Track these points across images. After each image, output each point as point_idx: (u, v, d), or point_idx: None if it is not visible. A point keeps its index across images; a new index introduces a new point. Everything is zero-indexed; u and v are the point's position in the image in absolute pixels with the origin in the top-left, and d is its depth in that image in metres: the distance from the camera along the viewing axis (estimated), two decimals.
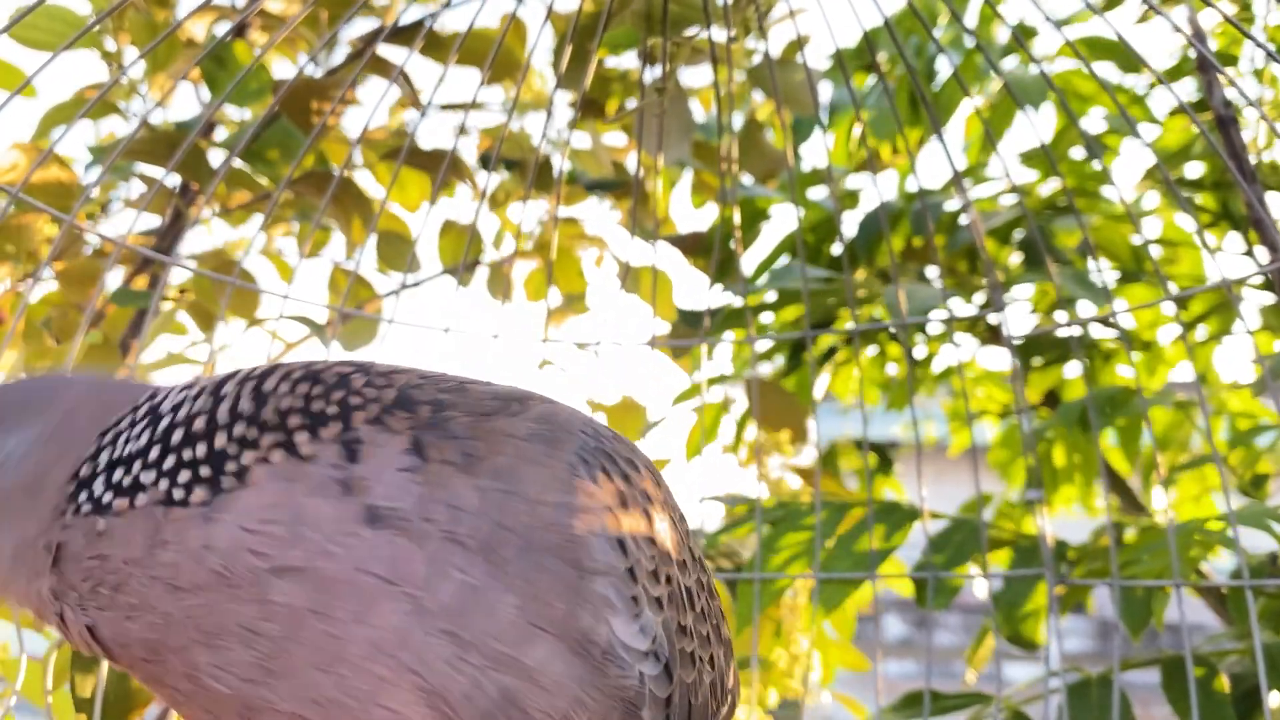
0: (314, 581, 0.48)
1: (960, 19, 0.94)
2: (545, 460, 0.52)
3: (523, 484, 0.51)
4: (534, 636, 0.50)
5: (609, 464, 0.54)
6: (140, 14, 1.20)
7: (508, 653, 0.49)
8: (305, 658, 0.49)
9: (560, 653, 0.50)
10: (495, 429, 0.52)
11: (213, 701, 0.51)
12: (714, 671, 0.61)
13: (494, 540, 0.50)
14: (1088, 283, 1.34)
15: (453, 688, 0.49)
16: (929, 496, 1.09)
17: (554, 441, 0.53)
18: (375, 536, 0.49)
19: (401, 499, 0.49)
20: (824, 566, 1.11)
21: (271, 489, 0.50)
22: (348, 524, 0.49)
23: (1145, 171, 1.56)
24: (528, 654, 0.49)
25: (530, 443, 0.52)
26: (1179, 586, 0.94)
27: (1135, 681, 1.09)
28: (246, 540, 0.49)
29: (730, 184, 1.28)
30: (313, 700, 0.49)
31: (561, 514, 0.51)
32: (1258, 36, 0.83)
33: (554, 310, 1.53)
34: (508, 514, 0.50)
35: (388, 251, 1.36)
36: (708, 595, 0.62)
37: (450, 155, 1.15)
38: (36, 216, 1.13)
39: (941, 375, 1.67)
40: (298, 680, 0.49)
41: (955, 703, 1.12)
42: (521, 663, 0.49)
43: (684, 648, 0.57)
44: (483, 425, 0.52)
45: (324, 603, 0.48)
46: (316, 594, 0.48)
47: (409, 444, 0.51)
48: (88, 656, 0.55)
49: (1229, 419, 1.61)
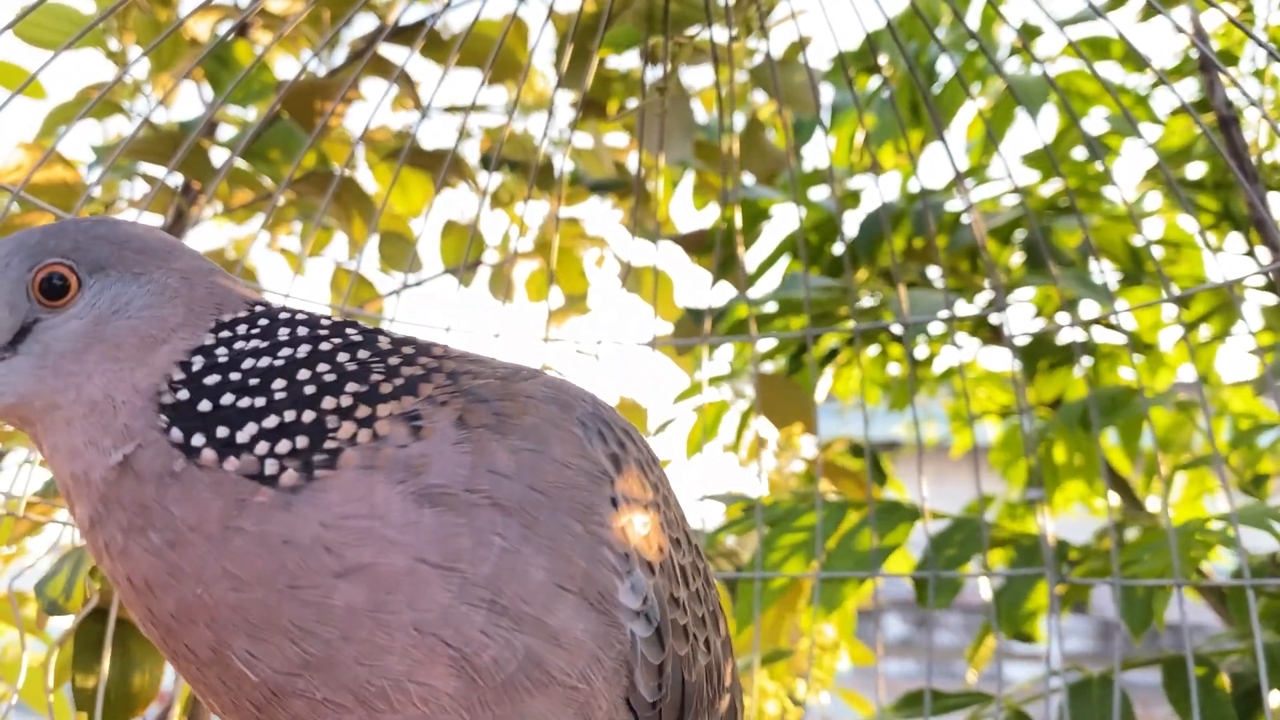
0: (374, 580, 0.49)
1: (962, 20, 0.94)
2: (562, 422, 0.55)
3: (549, 445, 0.54)
4: (559, 597, 0.51)
5: (605, 429, 0.57)
6: (143, 13, 1.21)
7: (535, 615, 0.51)
8: (352, 654, 0.49)
9: (581, 611, 0.52)
10: (518, 391, 0.55)
11: (232, 677, 0.51)
12: (710, 656, 0.62)
13: (527, 503, 0.52)
14: (1090, 283, 1.34)
15: (484, 655, 0.50)
16: (930, 498, 1.09)
17: (565, 405, 0.56)
18: (432, 520, 0.50)
19: (455, 474, 0.51)
20: (825, 565, 1.11)
21: (353, 479, 0.50)
22: (409, 511, 0.50)
23: (1147, 172, 1.56)
24: (553, 615, 0.51)
25: (548, 405, 0.55)
26: (1180, 586, 0.94)
27: (1136, 681, 1.09)
28: (323, 537, 0.49)
29: (732, 184, 1.28)
30: (348, 688, 0.50)
31: (580, 476, 0.54)
32: (1259, 36, 0.83)
33: (555, 310, 1.54)
34: (538, 476, 0.52)
35: (389, 251, 1.36)
36: (703, 582, 0.64)
37: (451, 155, 1.15)
38: (40, 215, 1.13)
39: (943, 376, 1.67)
40: (338, 673, 0.50)
41: (956, 702, 1.12)
42: (546, 624, 0.51)
43: (676, 619, 0.58)
44: (507, 387, 0.55)
45: (381, 601, 0.49)
46: (376, 594, 0.49)
47: (457, 416, 0.53)
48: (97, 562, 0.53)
49: (1231, 419, 1.61)
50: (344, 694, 0.50)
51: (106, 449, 0.51)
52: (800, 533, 1.15)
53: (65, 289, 0.53)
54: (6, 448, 1.18)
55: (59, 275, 0.53)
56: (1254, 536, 1.03)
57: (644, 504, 0.57)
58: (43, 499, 0.95)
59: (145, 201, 1.10)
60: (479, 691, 0.50)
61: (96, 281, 0.53)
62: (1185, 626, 0.92)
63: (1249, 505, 1.14)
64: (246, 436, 0.50)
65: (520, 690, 0.51)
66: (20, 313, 0.52)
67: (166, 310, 0.53)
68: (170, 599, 0.50)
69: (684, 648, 0.59)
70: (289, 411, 0.51)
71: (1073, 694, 1.03)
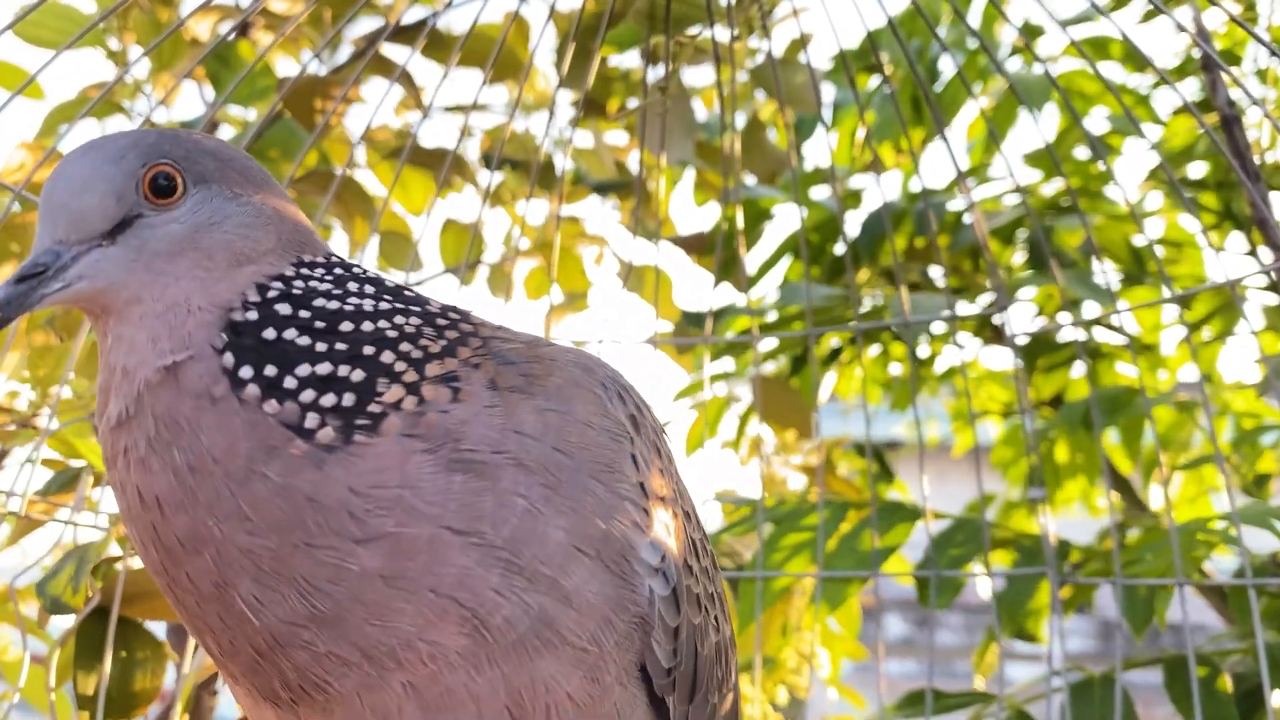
0: (392, 548, 0.49)
1: (964, 19, 0.94)
2: (586, 383, 0.56)
3: (573, 405, 0.55)
4: (576, 559, 0.52)
5: (624, 392, 0.58)
6: (144, 13, 1.21)
7: (550, 575, 0.51)
8: (362, 614, 0.50)
9: (596, 573, 0.53)
10: (543, 354, 0.57)
11: (234, 617, 0.50)
12: (719, 635, 0.63)
13: (550, 463, 0.53)
14: (1091, 283, 1.34)
15: (496, 614, 0.50)
16: (932, 496, 1.09)
17: (587, 368, 0.58)
18: (460, 486, 0.51)
19: (486, 437, 0.52)
20: (827, 565, 1.11)
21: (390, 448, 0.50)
22: (440, 479, 0.50)
23: (1149, 171, 1.56)
24: (568, 576, 0.52)
25: (572, 367, 0.57)
26: (1182, 586, 0.94)
27: (1138, 681, 1.09)
28: (349, 503, 0.49)
29: (733, 183, 1.28)
30: (355, 645, 0.50)
31: (604, 436, 0.55)
32: (1263, 35, 0.83)
33: (555, 308, 1.53)
34: (562, 437, 0.54)
35: (390, 250, 1.36)
36: (710, 562, 0.64)
37: (452, 155, 1.15)
38: None
39: (944, 375, 1.67)
40: (345, 630, 0.50)
41: (958, 701, 1.11)
42: (561, 585, 0.52)
43: (690, 586, 0.59)
44: (533, 351, 0.57)
45: (398, 567, 0.50)
46: (395, 562, 0.49)
47: (489, 379, 0.54)
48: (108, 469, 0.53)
49: (1233, 418, 1.61)
50: (350, 649, 0.50)
51: (164, 350, 0.51)
52: (802, 533, 1.15)
53: (171, 190, 0.54)
54: (6, 448, 1.18)
55: (167, 175, 0.54)
56: (1256, 536, 1.03)
57: (659, 469, 0.58)
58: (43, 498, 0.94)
59: None
60: (488, 649, 0.51)
61: (200, 191, 0.55)
62: (1187, 626, 0.91)
63: (1250, 505, 1.14)
64: (294, 382, 0.51)
65: (530, 649, 0.51)
66: (127, 204, 0.53)
67: (259, 233, 0.55)
68: (181, 522, 0.50)
69: (698, 616, 0.60)
70: (344, 366, 0.51)
71: (1074, 694, 1.03)
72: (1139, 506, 1.56)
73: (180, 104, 1.81)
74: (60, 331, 1.16)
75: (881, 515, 1.13)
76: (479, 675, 0.51)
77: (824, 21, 0.96)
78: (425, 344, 0.53)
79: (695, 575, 0.60)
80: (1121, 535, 1.24)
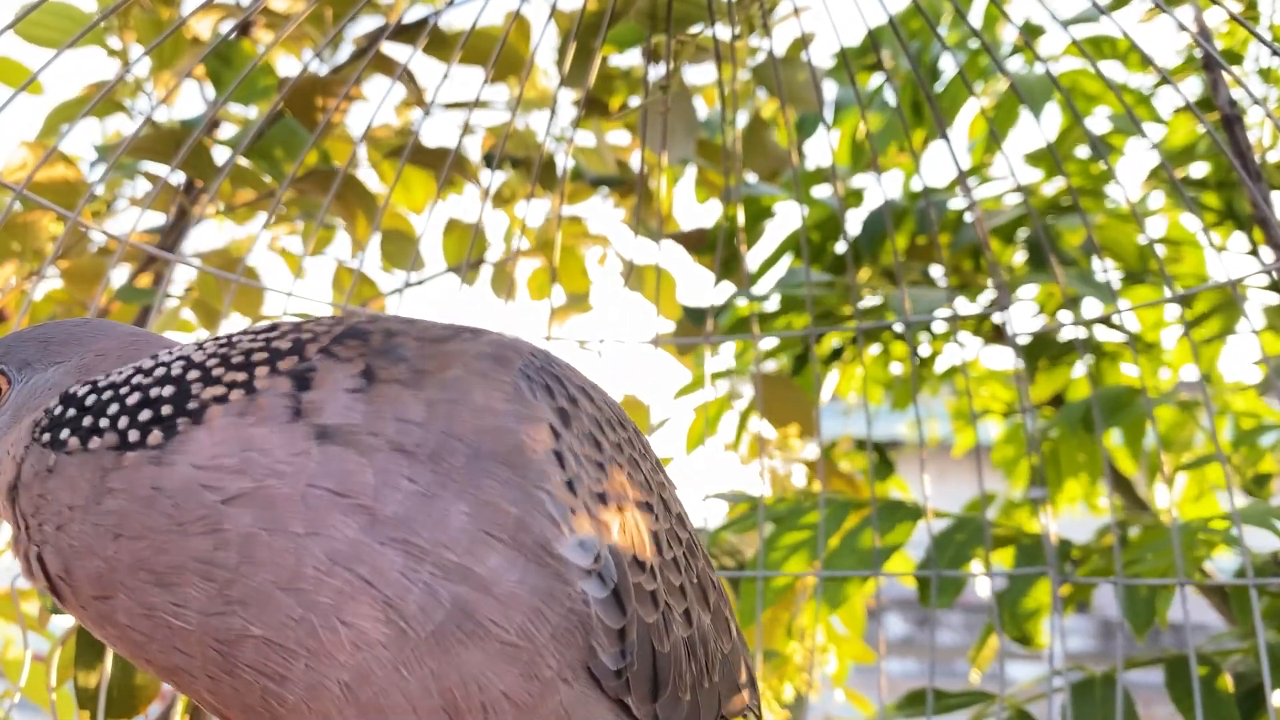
0: (264, 502, 0.49)
1: (965, 18, 0.94)
2: (493, 374, 0.54)
3: (470, 394, 0.52)
4: (486, 544, 0.50)
5: (554, 383, 0.55)
6: (145, 11, 1.21)
7: (459, 562, 0.49)
8: (265, 578, 0.49)
9: (515, 562, 0.50)
10: (447, 350, 0.54)
11: (179, 638, 0.51)
12: (691, 629, 0.60)
13: (442, 449, 0.51)
14: (1092, 282, 1.34)
15: (408, 599, 0.49)
16: (933, 496, 1.09)
17: (502, 360, 0.55)
18: (324, 453, 0.50)
19: (349, 416, 0.51)
20: (828, 564, 1.11)
21: (223, 424, 0.51)
22: (297, 444, 0.50)
23: (1150, 171, 1.56)
24: (480, 563, 0.50)
25: (479, 360, 0.54)
26: (1183, 586, 0.94)
27: (1138, 680, 1.09)
28: (197, 477, 0.50)
29: (734, 182, 1.28)
30: (279, 623, 0.49)
31: (508, 420, 0.52)
32: (1264, 35, 0.83)
33: (557, 308, 1.53)
34: (455, 422, 0.51)
35: (392, 249, 1.36)
36: (685, 551, 0.61)
37: (454, 153, 1.15)
38: (42, 214, 1.13)
39: (945, 374, 1.67)
40: (262, 604, 0.49)
41: (958, 701, 1.11)
42: (474, 572, 0.49)
43: (642, 584, 0.56)
44: (433, 348, 0.54)
45: (276, 520, 0.49)
46: (267, 513, 0.49)
47: (360, 369, 0.53)
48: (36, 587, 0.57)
49: (1233, 418, 1.61)
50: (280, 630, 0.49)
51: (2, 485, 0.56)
52: (803, 531, 1.15)
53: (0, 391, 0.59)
54: None
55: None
56: (1257, 536, 1.03)
57: (598, 462, 0.55)
58: None
59: (147, 200, 1.10)
60: (410, 644, 0.49)
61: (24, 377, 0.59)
62: (1188, 626, 0.91)
63: (1251, 505, 1.14)
64: (107, 420, 0.53)
65: (452, 641, 0.49)
66: None
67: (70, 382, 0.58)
68: (85, 581, 0.52)
69: (652, 615, 0.56)
70: (153, 389, 0.53)
71: (1075, 693, 1.03)
72: (1141, 506, 1.56)
73: (181, 103, 1.81)
74: None
75: (882, 514, 1.13)
76: (409, 674, 0.50)
77: (825, 20, 0.96)
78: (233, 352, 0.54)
79: (651, 570, 0.57)
80: (1123, 534, 1.24)
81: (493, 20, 1.54)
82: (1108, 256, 1.54)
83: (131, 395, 0.53)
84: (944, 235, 1.56)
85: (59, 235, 1.14)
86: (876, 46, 1.09)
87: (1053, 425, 1.48)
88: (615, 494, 0.56)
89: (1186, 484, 1.62)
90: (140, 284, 1.31)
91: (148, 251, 1.07)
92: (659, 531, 0.59)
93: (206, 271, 1.05)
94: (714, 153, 1.49)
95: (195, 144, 1.11)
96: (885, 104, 1.64)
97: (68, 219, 0.89)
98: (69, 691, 0.89)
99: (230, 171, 1.22)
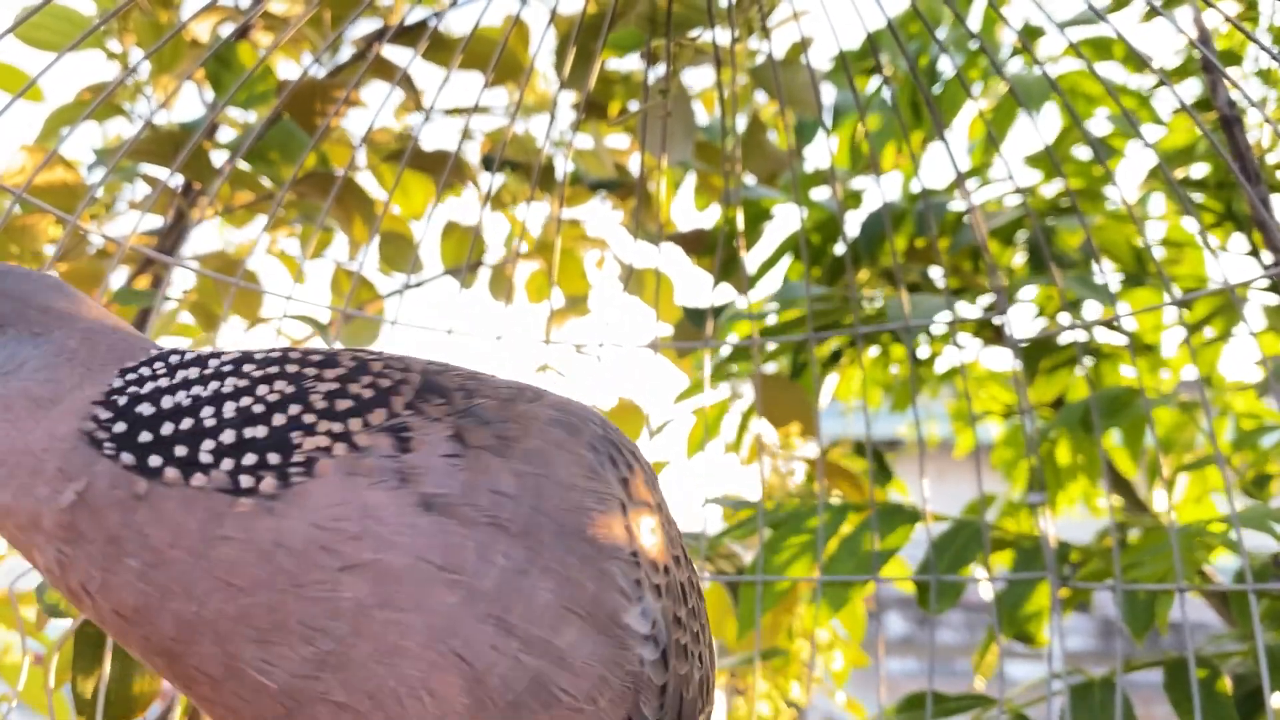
0: (379, 574, 0.49)
1: (963, 21, 0.94)
2: (568, 445, 0.54)
3: (553, 468, 0.53)
4: (566, 619, 0.51)
5: (615, 453, 0.56)
6: (145, 15, 1.21)
7: (543, 636, 0.51)
8: (366, 649, 0.49)
9: (588, 634, 0.52)
10: (521, 413, 0.54)
11: (249, 689, 0.50)
12: (703, 668, 0.63)
13: (531, 526, 0.51)
14: (1092, 285, 1.34)
15: (493, 672, 0.50)
16: (932, 497, 1.09)
17: (573, 428, 0.55)
18: (430, 525, 0.50)
19: (449, 484, 0.50)
20: (827, 568, 1.11)
21: (336, 483, 0.49)
22: (406, 513, 0.49)
23: (1149, 172, 1.56)
24: (560, 636, 0.51)
25: (553, 428, 0.54)
26: (1182, 591, 0.94)
27: (1138, 681, 1.09)
28: (318, 538, 0.49)
29: (734, 185, 1.28)
30: (366, 693, 0.49)
31: (587, 499, 0.53)
32: (1262, 38, 0.83)
33: (556, 312, 1.54)
34: (543, 499, 0.52)
35: (390, 252, 1.36)
36: (696, 595, 0.64)
37: (454, 157, 1.15)
38: (41, 217, 1.13)
39: (944, 376, 1.67)
40: (354, 673, 0.49)
41: (958, 704, 1.11)
42: (554, 645, 0.51)
43: (679, 639, 0.58)
44: (509, 409, 0.54)
45: (388, 594, 0.49)
46: (381, 586, 0.49)
47: (451, 431, 0.52)
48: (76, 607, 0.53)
49: (1234, 419, 1.61)
50: (362, 699, 0.50)
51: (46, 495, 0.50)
52: (802, 535, 1.15)
53: None
54: None
55: None
56: (1257, 538, 1.03)
57: (652, 527, 0.57)
58: None
59: (147, 203, 1.10)
60: (487, 713, 0.50)
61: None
62: (1187, 629, 0.91)
63: (1250, 508, 1.13)
64: (208, 455, 0.50)
65: (525, 711, 0.51)
66: None
67: (62, 372, 0.52)
68: (166, 622, 0.49)
69: (685, 667, 0.59)
70: (247, 428, 0.50)
71: (1074, 696, 1.03)
72: (1141, 508, 1.55)
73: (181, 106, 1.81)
74: None
75: (881, 517, 1.13)
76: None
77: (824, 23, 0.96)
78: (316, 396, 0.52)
79: (683, 624, 0.59)
80: (1122, 536, 1.24)
81: (491, 24, 1.54)
82: (1107, 258, 1.54)
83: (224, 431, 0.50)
84: (943, 238, 1.56)
85: (58, 238, 1.14)
86: (875, 50, 1.09)
87: (1052, 426, 1.48)
88: (662, 555, 0.58)
89: (1187, 486, 1.62)
90: (138, 286, 1.31)
91: (146, 254, 1.07)
92: (684, 582, 0.61)
93: (205, 274, 1.05)
94: (713, 155, 1.50)
95: (194, 147, 1.11)
96: (884, 105, 1.64)
97: (67, 222, 0.89)
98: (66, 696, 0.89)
99: (229, 175, 1.22)
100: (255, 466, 0.49)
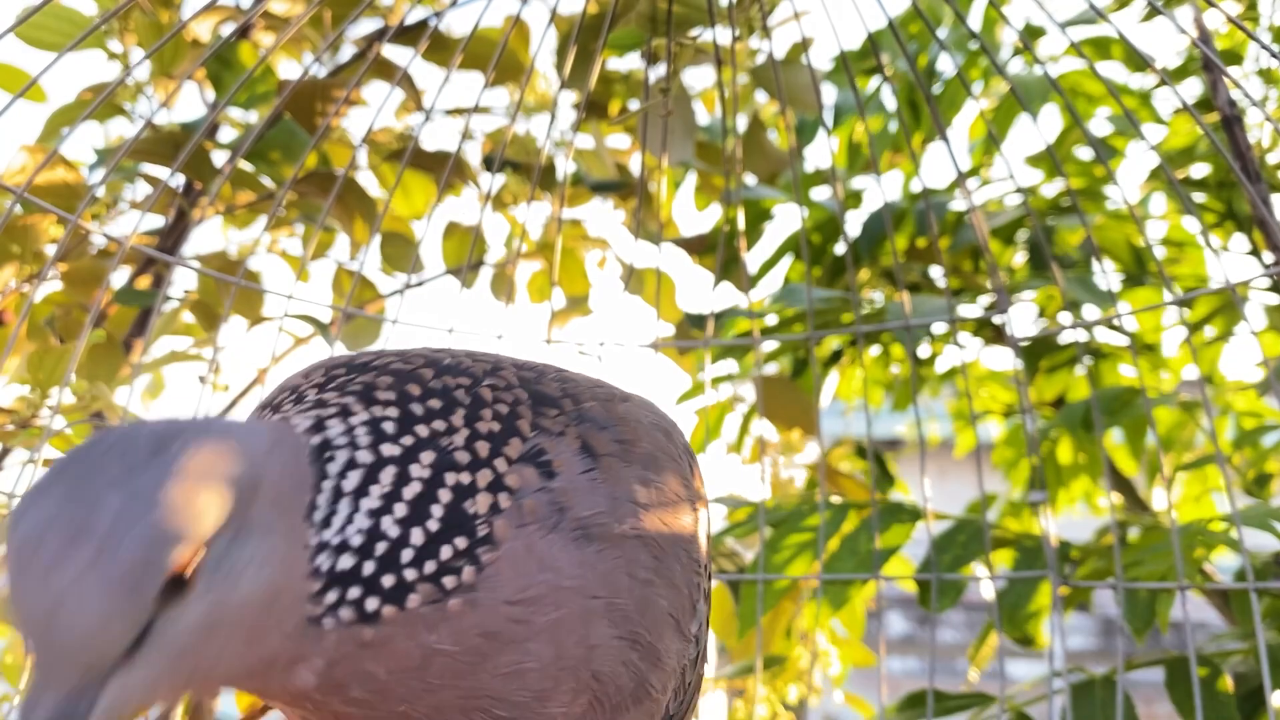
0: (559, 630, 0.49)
1: (964, 21, 0.94)
2: (669, 451, 0.55)
3: (664, 475, 0.54)
4: (668, 624, 0.53)
5: (692, 459, 0.58)
6: (146, 15, 1.21)
7: (653, 643, 0.52)
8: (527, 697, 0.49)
9: (676, 636, 0.54)
10: (624, 415, 0.54)
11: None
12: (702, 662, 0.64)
13: (658, 536, 0.53)
14: (1092, 286, 1.34)
15: (616, 683, 0.51)
16: (933, 496, 1.09)
17: (667, 432, 0.56)
18: (594, 557, 0.50)
19: (598, 503, 0.50)
20: (828, 567, 1.11)
21: (517, 547, 0.48)
22: (572, 551, 0.49)
23: (1150, 172, 1.56)
24: (663, 641, 0.53)
25: (654, 433, 0.55)
26: (1183, 590, 0.94)
27: (1138, 679, 1.09)
28: (513, 614, 0.48)
29: (734, 185, 1.28)
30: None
31: (686, 508, 0.55)
32: (1263, 37, 0.83)
33: (557, 311, 1.54)
34: (664, 509, 0.53)
35: (391, 252, 1.36)
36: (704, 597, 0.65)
37: (454, 157, 1.15)
38: (42, 217, 1.13)
39: (945, 375, 1.67)
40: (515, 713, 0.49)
41: (959, 703, 1.12)
42: (658, 650, 0.52)
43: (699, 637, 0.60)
44: (612, 411, 0.54)
45: (563, 648, 0.49)
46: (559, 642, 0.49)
47: (578, 444, 0.51)
48: None
49: (1234, 418, 1.61)
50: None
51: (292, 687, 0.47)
52: (803, 534, 1.15)
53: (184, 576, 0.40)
54: (8, 447, 1.18)
55: None
56: (1258, 536, 1.03)
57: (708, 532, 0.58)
58: None
59: (148, 203, 1.10)
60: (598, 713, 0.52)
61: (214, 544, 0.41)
62: (1188, 627, 0.91)
63: (1251, 506, 1.13)
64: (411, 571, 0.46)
65: (624, 707, 0.52)
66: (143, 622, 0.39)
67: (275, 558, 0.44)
68: None
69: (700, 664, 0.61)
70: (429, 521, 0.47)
71: (1075, 695, 1.03)
72: (1141, 506, 1.56)
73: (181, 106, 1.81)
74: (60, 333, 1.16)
75: (882, 516, 1.13)
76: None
77: (825, 23, 0.96)
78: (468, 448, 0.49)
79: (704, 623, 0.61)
80: (1122, 535, 1.24)
81: (492, 24, 1.54)
82: (1107, 258, 1.54)
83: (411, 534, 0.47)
84: (944, 237, 1.56)
85: (59, 238, 1.14)
86: (876, 50, 1.09)
87: (1052, 425, 1.48)
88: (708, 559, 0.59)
89: (1187, 484, 1.62)
90: (139, 286, 1.31)
91: (148, 254, 1.07)
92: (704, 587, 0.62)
93: (207, 274, 1.05)
94: (714, 155, 1.50)
95: (195, 147, 1.12)
96: (884, 105, 1.64)
97: (68, 221, 0.89)
98: None
99: (230, 174, 1.22)
100: (452, 559, 0.47)
